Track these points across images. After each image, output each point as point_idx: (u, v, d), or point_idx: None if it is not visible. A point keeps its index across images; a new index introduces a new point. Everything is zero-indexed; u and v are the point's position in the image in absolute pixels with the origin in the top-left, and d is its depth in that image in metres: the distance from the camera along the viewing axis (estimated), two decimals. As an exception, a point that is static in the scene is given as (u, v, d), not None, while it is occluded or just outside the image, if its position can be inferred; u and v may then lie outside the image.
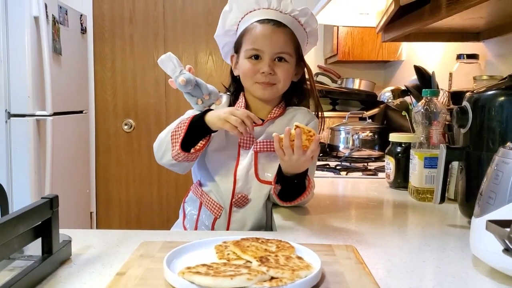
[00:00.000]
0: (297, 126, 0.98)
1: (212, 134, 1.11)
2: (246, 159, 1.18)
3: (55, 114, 2.57)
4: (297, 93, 1.26)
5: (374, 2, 1.80)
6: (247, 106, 1.21)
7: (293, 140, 0.98)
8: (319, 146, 1.00)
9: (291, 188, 1.10)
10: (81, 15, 3.08)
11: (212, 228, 1.20)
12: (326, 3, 1.80)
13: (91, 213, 3.36)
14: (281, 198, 1.12)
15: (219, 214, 1.19)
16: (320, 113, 1.27)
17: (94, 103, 3.38)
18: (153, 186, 3.45)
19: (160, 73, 3.35)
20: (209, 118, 1.08)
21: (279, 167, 1.08)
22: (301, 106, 1.26)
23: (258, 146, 1.17)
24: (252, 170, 1.18)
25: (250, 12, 1.18)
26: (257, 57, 1.16)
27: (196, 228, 1.23)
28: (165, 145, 1.11)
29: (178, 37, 3.39)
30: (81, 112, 3.11)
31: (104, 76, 3.39)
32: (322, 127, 1.27)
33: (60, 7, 2.73)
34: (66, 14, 2.82)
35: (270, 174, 1.18)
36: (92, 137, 3.37)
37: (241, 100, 1.21)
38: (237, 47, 1.21)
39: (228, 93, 1.26)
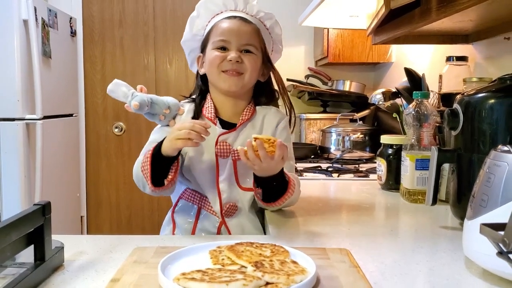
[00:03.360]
0: (256, 138, 0.98)
1: (179, 158, 1.08)
2: (226, 169, 1.16)
3: (45, 117, 2.55)
4: (265, 94, 1.26)
5: (364, 4, 1.81)
6: (215, 107, 1.20)
7: (257, 151, 0.98)
8: (286, 146, 1.00)
9: (272, 190, 1.09)
10: (71, 18, 3.06)
11: (218, 233, 1.17)
12: (317, 5, 1.80)
13: (81, 217, 3.33)
14: (264, 201, 1.11)
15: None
16: (293, 115, 1.27)
17: (84, 106, 3.35)
18: (144, 189, 3.42)
19: (150, 76, 3.34)
20: (164, 147, 1.04)
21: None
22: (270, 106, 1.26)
23: (236, 154, 1.15)
24: (233, 178, 1.17)
25: (217, 14, 1.20)
26: (224, 48, 1.16)
27: None
28: (141, 180, 1.10)
29: (168, 39, 3.38)
30: (71, 115, 3.08)
31: (94, 79, 3.37)
32: (294, 128, 1.27)
33: (50, 10, 2.71)
34: (56, 17, 2.80)
35: (250, 179, 1.16)
36: (82, 141, 3.35)
37: (209, 104, 1.20)
38: (204, 45, 1.21)
39: (187, 99, 1.25)
